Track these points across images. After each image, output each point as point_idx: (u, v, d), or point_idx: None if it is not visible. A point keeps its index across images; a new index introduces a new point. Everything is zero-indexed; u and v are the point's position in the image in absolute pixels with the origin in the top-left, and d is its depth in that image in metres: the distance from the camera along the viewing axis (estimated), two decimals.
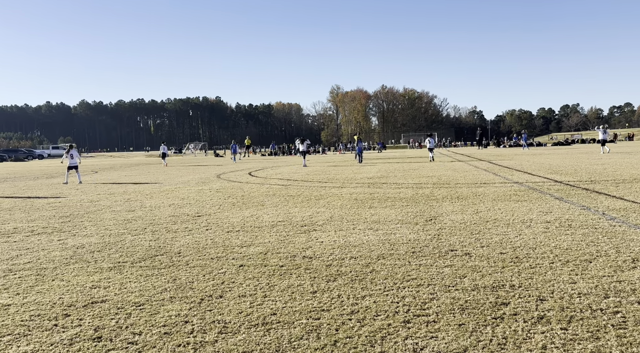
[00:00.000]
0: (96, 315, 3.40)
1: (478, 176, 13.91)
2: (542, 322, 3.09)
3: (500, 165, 18.69)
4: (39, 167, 33.44)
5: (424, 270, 4.29)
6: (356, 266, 4.51)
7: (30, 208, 9.54)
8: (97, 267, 4.73)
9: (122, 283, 4.17)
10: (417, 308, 3.38)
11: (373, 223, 6.65)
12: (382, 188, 11.37)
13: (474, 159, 26.25)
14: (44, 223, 7.58)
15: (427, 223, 6.56)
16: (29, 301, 3.75)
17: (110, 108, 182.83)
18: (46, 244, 5.92)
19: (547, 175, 13.38)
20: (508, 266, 4.34)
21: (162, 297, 3.77)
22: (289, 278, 4.18)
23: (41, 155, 68.72)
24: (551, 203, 7.98)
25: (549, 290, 3.66)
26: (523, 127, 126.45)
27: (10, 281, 4.32)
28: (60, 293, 3.94)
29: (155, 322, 3.25)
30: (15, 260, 5.10)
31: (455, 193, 9.80)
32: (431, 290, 3.76)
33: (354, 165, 23.89)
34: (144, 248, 5.54)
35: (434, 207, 8.02)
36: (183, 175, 19.07)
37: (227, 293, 3.82)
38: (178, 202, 9.79)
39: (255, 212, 8.15)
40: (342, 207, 8.34)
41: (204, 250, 5.37)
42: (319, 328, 3.09)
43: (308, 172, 18.94)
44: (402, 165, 22.15)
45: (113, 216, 8.10)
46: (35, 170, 27.89)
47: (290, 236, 6.00)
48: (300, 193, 10.73)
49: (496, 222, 6.49)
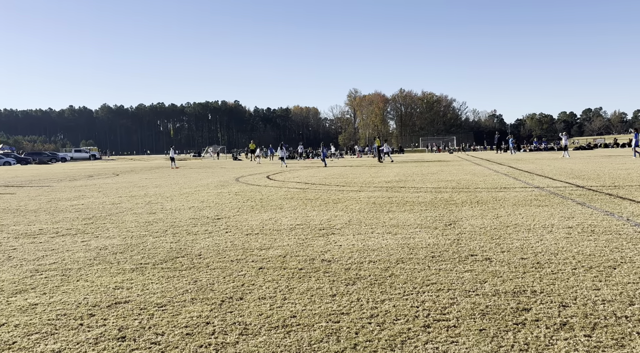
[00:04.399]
0: (120, 316, 3.47)
1: (498, 180, 13.76)
2: (565, 328, 3.05)
3: (521, 170, 18.46)
4: (62, 170, 34.12)
5: (443, 275, 4.27)
6: (375, 270, 4.50)
7: (55, 210, 9.75)
8: (120, 268, 4.81)
9: (144, 284, 4.24)
10: (437, 313, 3.36)
11: (392, 227, 6.64)
12: (400, 192, 11.33)
13: (494, 162, 25.96)
14: (67, 225, 7.75)
15: (446, 227, 6.52)
16: (55, 301, 3.84)
17: (131, 112, 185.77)
18: (70, 245, 6.05)
19: (568, 179, 13.17)
20: (529, 271, 4.30)
21: (183, 299, 3.82)
22: (308, 281, 4.20)
23: (64, 158, 70.18)
24: (573, 208, 7.86)
25: (571, 297, 3.61)
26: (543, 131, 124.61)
27: (37, 281, 4.43)
28: (84, 293, 4.02)
29: (178, 323, 3.30)
30: (42, 261, 5.22)
31: (475, 197, 9.72)
32: (451, 294, 3.74)
33: (371, 167, 23.83)
34: (165, 250, 5.62)
35: (453, 211, 7.96)
36: (202, 178, 19.27)
37: (247, 296, 3.86)
38: (198, 205, 9.90)
39: (274, 215, 8.19)
40: (360, 211, 8.33)
41: (223, 252, 5.43)
42: (339, 332, 3.10)
43: (326, 175, 18.97)
44: (421, 168, 22.02)
45: (134, 218, 8.23)
46: (59, 173, 28.47)
47: (309, 239, 6.02)
48: (318, 197, 10.75)
49: (517, 227, 6.42)
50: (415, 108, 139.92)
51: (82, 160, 73.43)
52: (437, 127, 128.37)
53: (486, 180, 14.07)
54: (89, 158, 77.30)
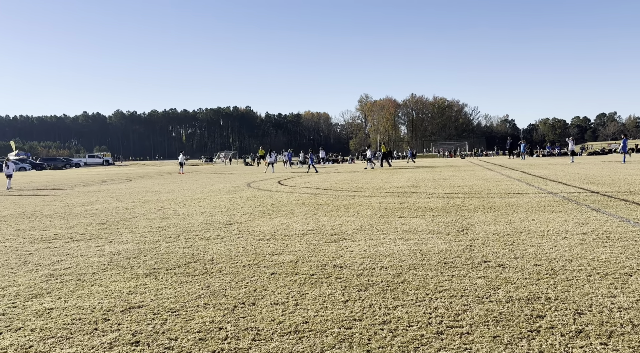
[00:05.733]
0: (134, 320, 3.50)
1: (511, 186, 13.65)
2: (581, 336, 3.02)
3: (534, 175, 18.30)
4: (76, 175, 34.53)
5: (456, 281, 4.24)
6: (387, 276, 4.49)
7: (69, 215, 9.87)
8: (134, 273, 4.86)
9: (157, 289, 4.27)
10: (450, 320, 3.34)
11: (403, 233, 6.62)
12: (412, 197, 11.29)
13: (506, 168, 25.77)
14: (82, 230, 7.83)
15: (459, 233, 6.49)
16: (70, 305, 3.88)
17: (143, 117, 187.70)
18: (85, 250, 6.12)
19: (582, 185, 13.02)
20: (543, 278, 4.25)
21: (196, 304, 3.84)
22: (320, 287, 4.20)
23: (78, 164, 71.05)
24: (588, 214, 7.77)
25: (587, 304, 3.57)
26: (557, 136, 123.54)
27: (53, 285, 4.49)
28: (99, 298, 4.06)
29: (191, 328, 3.32)
30: (57, 266, 5.29)
31: (488, 203, 9.65)
32: (464, 301, 3.72)
33: (383, 173, 23.77)
34: (178, 255, 5.66)
35: (465, 217, 7.91)
36: (214, 184, 19.37)
37: (260, 301, 3.87)
38: (210, 210, 9.95)
39: (286, 220, 8.21)
40: (372, 216, 8.32)
41: (236, 257, 5.45)
42: (351, 338, 3.09)
43: (337, 181, 18.97)
44: (432, 174, 21.92)
45: (148, 223, 8.30)
46: (73, 178, 28.82)
47: (321, 245, 6.02)
48: (330, 202, 10.75)
49: (530, 233, 6.36)
50: (426, 113, 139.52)
51: (95, 165, 74.23)
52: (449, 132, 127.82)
53: (499, 185, 13.97)
54: (102, 163, 78.10)
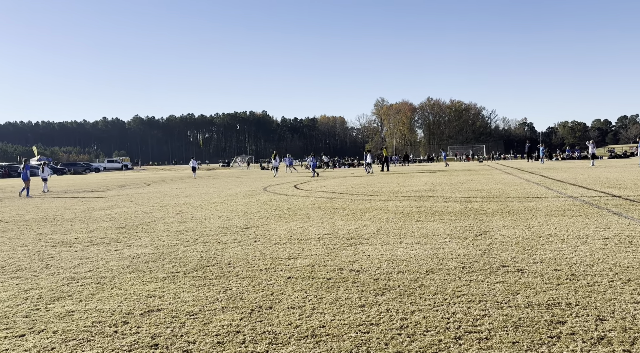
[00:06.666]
0: (152, 323, 3.54)
1: (529, 190, 13.48)
2: (603, 342, 2.96)
3: (553, 179, 18.03)
4: (96, 180, 35.09)
5: (474, 286, 4.20)
6: (404, 280, 4.47)
7: (89, 219, 10.03)
8: (152, 277, 4.91)
9: (176, 292, 4.32)
10: (469, 325, 3.31)
11: (420, 238, 6.58)
12: (429, 201, 11.22)
13: (525, 171, 25.44)
14: (102, 233, 7.95)
15: (477, 238, 6.42)
16: (91, 308, 3.94)
17: (162, 123, 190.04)
18: (104, 254, 6.21)
19: (604, 189, 12.79)
20: (564, 283, 4.19)
21: (214, 307, 3.87)
22: (337, 291, 4.20)
23: (97, 169, 72.11)
24: (609, 218, 7.63)
25: (609, 310, 3.50)
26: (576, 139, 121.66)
27: (74, 288, 4.56)
28: (118, 301, 4.12)
29: (209, 331, 3.35)
30: (77, 269, 5.38)
31: (506, 207, 9.54)
32: (483, 306, 3.68)
33: (399, 176, 23.66)
34: (196, 259, 5.71)
35: (483, 221, 7.83)
36: (231, 188, 19.50)
37: (277, 305, 3.88)
38: (227, 214, 10.02)
39: (302, 224, 8.23)
40: (389, 221, 8.28)
41: (252, 261, 5.48)
42: (368, 343, 3.08)
43: (353, 184, 18.94)
44: (450, 177, 21.76)
45: (166, 227, 8.39)
46: (92, 183, 29.29)
47: (337, 249, 6.02)
48: (346, 206, 10.74)
49: (550, 237, 6.27)
50: (443, 116, 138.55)
51: (114, 170, 75.30)
52: (466, 135, 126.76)
53: (517, 189, 13.80)
54: (121, 168, 79.20)
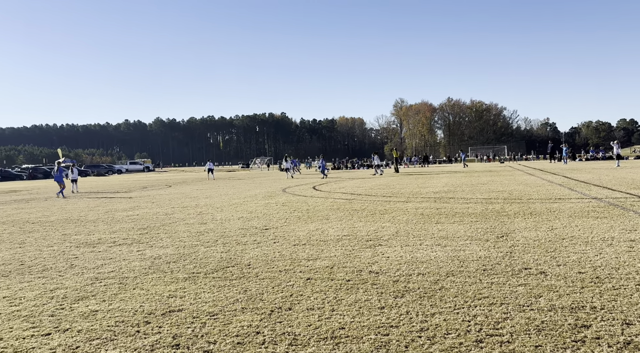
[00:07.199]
0: (174, 324, 3.58)
1: (552, 191, 13.25)
2: (630, 347, 2.89)
3: (577, 180, 17.70)
4: (118, 182, 35.69)
5: (496, 289, 4.15)
6: (424, 283, 4.44)
7: (112, 220, 10.20)
8: (173, 277, 4.97)
9: (196, 293, 4.36)
10: (490, 328, 3.27)
11: (441, 239, 6.52)
12: (449, 203, 11.12)
13: (547, 172, 25.02)
14: (124, 234, 8.08)
15: (498, 240, 6.34)
16: (114, 308, 4.01)
17: (182, 125, 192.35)
18: (127, 254, 6.31)
19: (629, 190, 12.50)
20: (588, 286, 4.11)
21: (234, 308, 3.90)
22: (356, 293, 4.19)
23: (120, 170, 73.40)
24: (636, 220, 7.45)
25: (636, 314, 3.42)
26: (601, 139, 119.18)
27: (97, 288, 4.65)
28: (140, 301, 4.18)
29: (229, 332, 3.37)
30: (101, 269, 5.48)
31: (528, 209, 9.40)
32: (504, 309, 3.63)
33: (419, 178, 23.49)
34: (216, 259, 5.76)
35: (505, 223, 7.73)
36: (250, 189, 19.63)
37: (296, 306, 3.89)
38: (246, 215, 10.09)
39: (321, 225, 8.23)
40: (408, 222, 8.23)
41: (272, 262, 5.50)
42: (388, 345, 3.07)
43: (372, 186, 18.88)
44: (470, 179, 21.52)
45: (186, 228, 8.49)
46: (115, 185, 29.80)
47: (356, 250, 6.01)
48: (365, 208, 10.71)
49: (573, 239, 6.15)
50: (463, 117, 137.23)
51: (136, 172, 76.49)
52: (487, 136, 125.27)
53: (540, 190, 13.58)
54: (143, 170, 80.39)
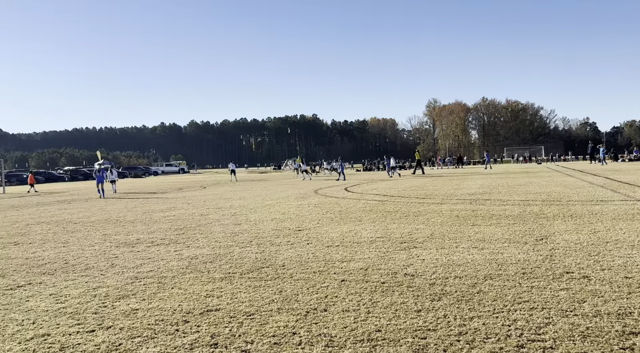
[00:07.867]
0: (211, 323, 3.64)
1: (593, 193, 12.81)
2: None
3: (620, 181, 17.06)
4: (155, 183, 36.54)
5: (536, 293, 4.03)
6: (461, 286, 4.36)
7: (149, 221, 10.45)
8: (210, 277, 5.05)
9: (233, 293, 4.42)
10: (532, 333, 3.18)
11: (477, 242, 6.40)
12: (485, 205, 10.90)
13: (587, 173, 24.22)
14: (161, 235, 8.27)
15: (537, 242, 6.17)
16: (153, 307, 4.10)
17: (216, 127, 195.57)
18: (164, 254, 6.45)
19: None
20: (635, 292, 3.95)
21: (270, 308, 3.93)
22: (392, 296, 4.15)
23: (156, 172, 75.08)
24: None
25: None
26: None
27: (137, 287, 4.77)
28: (179, 300, 4.26)
29: (265, 332, 3.40)
30: (140, 269, 5.61)
31: (568, 211, 9.11)
32: (546, 314, 3.53)
33: (453, 179, 23.13)
34: (251, 260, 5.82)
35: (544, 225, 7.52)
36: (283, 191, 19.76)
37: (331, 307, 3.89)
38: (280, 217, 10.16)
39: (354, 227, 8.21)
40: (443, 224, 8.11)
41: (306, 263, 5.52)
42: (426, 348, 3.03)
43: (404, 187, 18.70)
44: (507, 180, 21.05)
45: (222, 229, 8.62)
46: (151, 186, 30.52)
47: (390, 252, 5.96)
48: (398, 209, 10.62)
49: (618, 243, 5.93)
50: (499, 117, 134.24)
51: (172, 173, 78.10)
52: (523, 136, 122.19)
53: (580, 192, 13.15)
54: (178, 172, 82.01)
